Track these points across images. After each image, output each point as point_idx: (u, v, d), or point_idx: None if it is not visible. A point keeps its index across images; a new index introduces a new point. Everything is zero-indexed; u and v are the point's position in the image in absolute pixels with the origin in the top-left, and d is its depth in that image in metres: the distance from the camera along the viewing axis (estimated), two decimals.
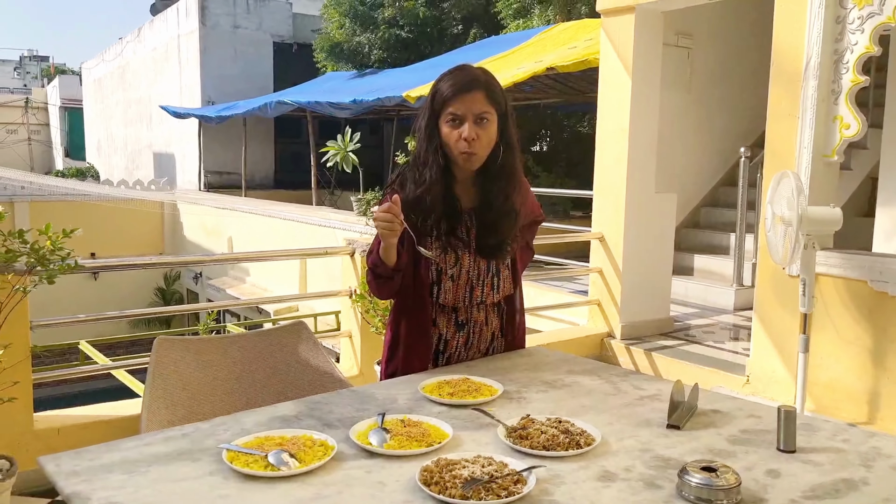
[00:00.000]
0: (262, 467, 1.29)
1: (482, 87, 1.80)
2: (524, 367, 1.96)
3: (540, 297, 5.95)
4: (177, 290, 15.48)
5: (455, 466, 1.28)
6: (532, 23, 11.08)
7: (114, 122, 22.67)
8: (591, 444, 1.42)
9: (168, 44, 17.53)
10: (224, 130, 15.21)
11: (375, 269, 1.86)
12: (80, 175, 21.59)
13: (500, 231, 1.90)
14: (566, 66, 7.17)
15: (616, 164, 4.80)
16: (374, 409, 1.64)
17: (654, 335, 5.00)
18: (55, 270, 2.63)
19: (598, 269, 4.97)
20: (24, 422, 2.98)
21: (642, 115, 4.77)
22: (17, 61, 40.08)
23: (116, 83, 22.08)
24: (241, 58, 16.15)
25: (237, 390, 2.07)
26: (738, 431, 1.53)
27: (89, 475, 1.29)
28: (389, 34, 12.61)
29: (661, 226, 4.99)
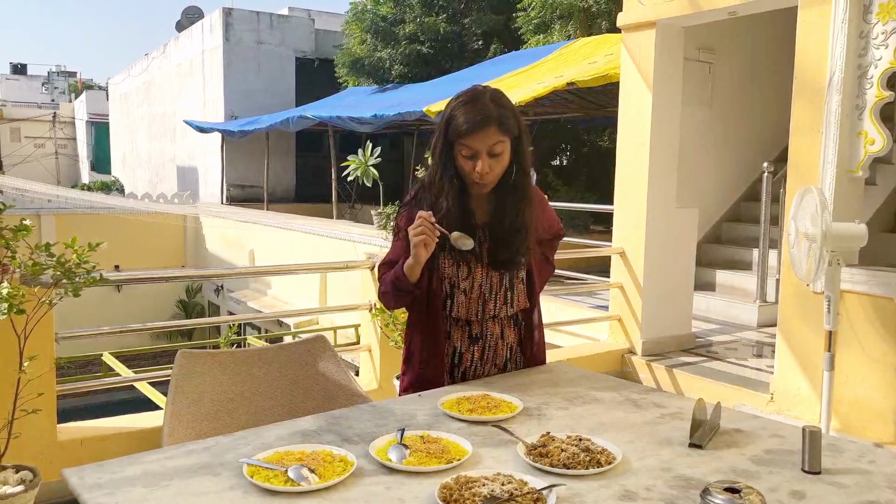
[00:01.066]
0: (282, 482, 1.29)
1: (494, 122, 1.82)
2: (544, 383, 1.95)
3: (560, 311, 5.93)
4: (198, 303, 15.62)
5: (474, 484, 1.27)
6: (552, 38, 11.10)
7: (139, 137, 23.00)
8: (611, 462, 1.41)
9: (192, 59, 17.79)
10: (246, 144, 15.37)
11: (398, 282, 1.88)
12: (106, 188, 21.91)
13: (511, 246, 1.92)
14: (586, 81, 7.17)
15: (637, 178, 4.79)
16: (394, 424, 1.64)
17: (675, 351, 4.95)
18: (80, 284, 2.66)
19: (618, 284, 4.95)
20: (47, 433, 3.02)
21: (663, 129, 4.75)
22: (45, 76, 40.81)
23: (142, 98, 22.42)
24: (264, 73, 16.34)
25: (258, 403, 2.08)
26: (761, 451, 1.51)
27: (112, 488, 1.30)
28: (410, 50, 12.69)
29: (682, 241, 4.96)
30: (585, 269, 6.51)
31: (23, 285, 2.74)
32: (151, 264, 14.66)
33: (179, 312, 15.14)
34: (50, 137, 31.67)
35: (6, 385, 2.69)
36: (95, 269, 2.77)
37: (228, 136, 15.07)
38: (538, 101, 9.56)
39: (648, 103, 4.71)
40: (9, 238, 2.67)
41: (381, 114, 9.55)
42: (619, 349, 4.90)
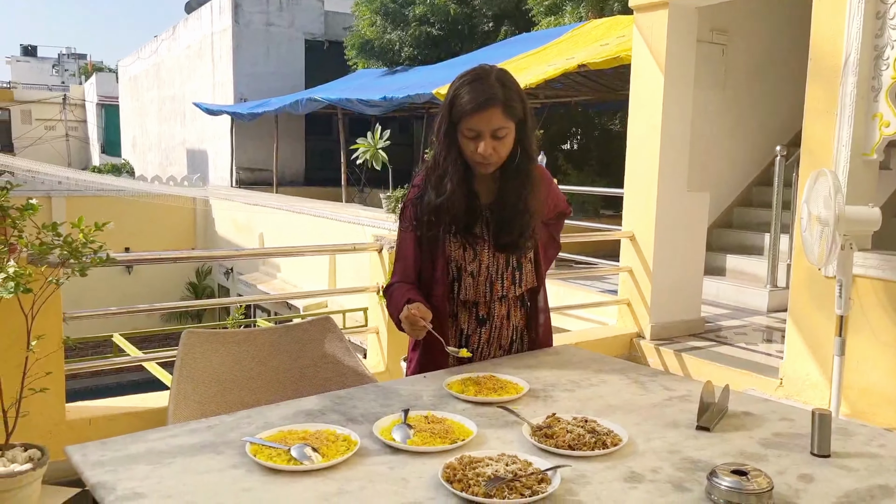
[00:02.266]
0: (285, 461, 1.29)
1: (499, 103, 1.78)
2: (551, 365, 1.94)
3: (569, 296, 5.91)
4: (208, 286, 15.68)
5: (478, 464, 1.26)
6: (564, 20, 11.00)
7: (149, 119, 23.03)
8: (617, 444, 1.39)
9: (202, 41, 17.75)
10: (256, 127, 15.36)
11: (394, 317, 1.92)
12: (116, 171, 21.97)
13: (514, 229, 1.89)
14: (597, 64, 7.10)
15: (647, 162, 4.74)
16: (399, 404, 1.63)
17: (684, 336, 4.92)
18: (87, 263, 2.66)
19: (627, 268, 4.91)
20: (56, 412, 3.03)
21: (675, 112, 4.70)
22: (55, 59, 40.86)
23: (151, 80, 22.42)
24: (274, 55, 16.29)
25: (263, 383, 2.08)
26: (770, 434, 1.49)
27: (114, 465, 1.30)
28: (420, 31, 12.60)
29: (692, 225, 4.91)
30: (594, 253, 6.46)
31: (30, 265, 2.74)
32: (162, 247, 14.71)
33: (189, 295, 15.20)
34: (60, 120, 31.76)
35: (14, 364, 2.69)
36: (102, 250, 2.77)
37: (238, 118, 15.06)
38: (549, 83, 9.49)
39: (660, 85, 4.65)
40: (15, 217, 2.67)
41: (390, 96, 9.51)
42: (628, 333, 4.87)
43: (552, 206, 2.11)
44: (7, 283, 2.41)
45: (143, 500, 1.18)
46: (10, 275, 2.42)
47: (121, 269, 14.39)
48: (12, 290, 2.41)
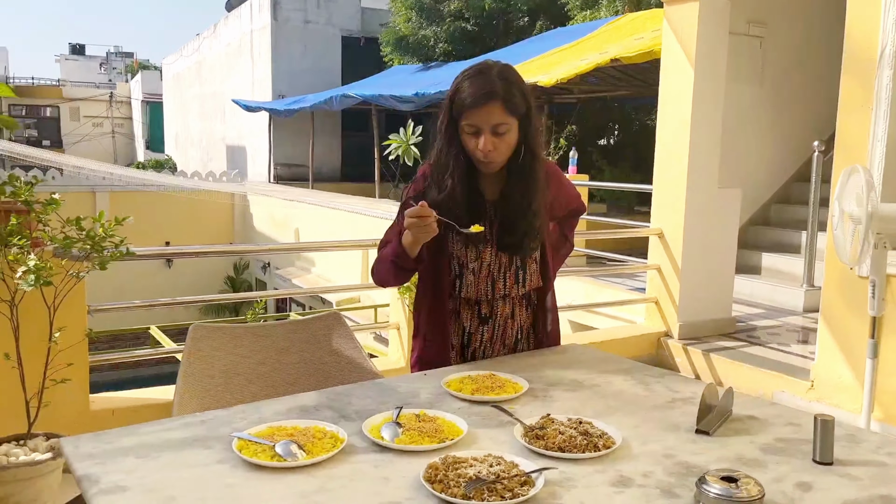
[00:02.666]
0: (269, 457, 1.28)
1: (499, 98, 1.74)
2: (556, 364, 1.91)
3: (598, 293, 5.84)
4: (246, 280, 15.91)
5: (462, 465, 1.24)
6: (599, 14, 10.87)
7: (190, 116, 23.44)
8: (610, 446, 1.36)
9: (241, 39, 17.99)
10: (293, 124, 15.51)
11: (398, 260, 1.82)
12: (159, 167, 22.44)
13: (517, 230, 1.85)
14: (631, 58, 7.00)
15: (676, 157, 4.65)
16: (395, 402, 1.61)
17: (714, 335, 4.82)
18: (106, 258, 2.71)
19: (656, 265, 4.83)
20: (80, 403, 3.10)
21: (705, 107, 4.60)
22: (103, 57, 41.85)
23: (193, 78, 22.81)
24: (311, 52, 16.42)
25: (269, 379, 2.09)
26: (772, 440, 1.44)
27: (104, 458, 1.31)
28: (455, 27, 12.57)
29: (723, 222, 4.81)
30: (628, 250, 6.36)
31: (55, 258, 2.80)
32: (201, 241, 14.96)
33: (227, 288, 15.45)
34: (107, 117, 32.54)
35: (38, 356, 2.75)
36: (123, 244, 2.81)
37: (275, 115, 15.24)
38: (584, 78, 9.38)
39: (690, 80, 4.56)
40: (39, 212, 2.73)
41: (422, 92, 9.50)
42: (656, 332, 4.79)
43: (563, 203, 2.07)
44: (28, 276, 2.46)
45: (126, 493, 1.18)
46: (31, 268, 2.47)
47: (162, 263, 14.70)
48: (32, 283, 2.47)
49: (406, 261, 1.80)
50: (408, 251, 1.78)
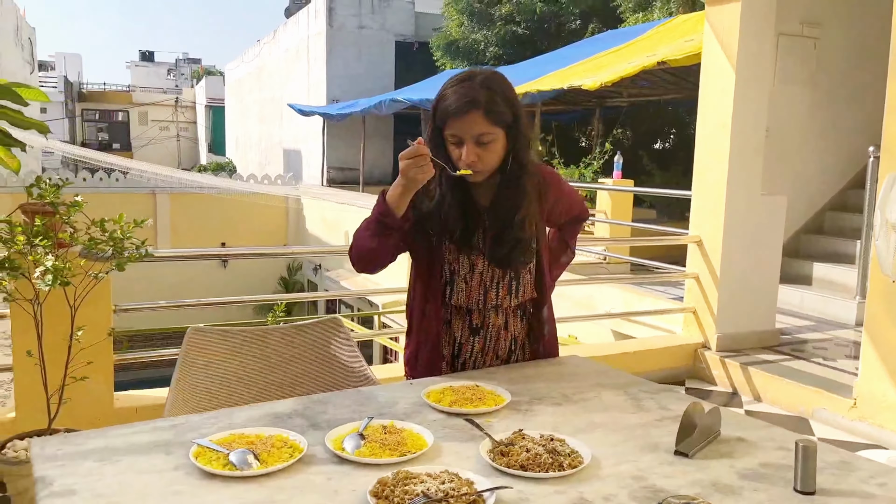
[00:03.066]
0: (222, 466, 1.27)
1: (481, 107, 1.68)
2: (549, 377, 1.85)
3: (638, 301, 5.70)
4: (298, 280, 16.17)
5: (412, 480, 1.20)
6: (653, 15, 10.65)
7: (250, 120, 23.99)
8: (576, 466, 1.30)
9: (299, 45, 18.32)
10: (346, 128, 15.70)
11: (383, 218, 1.70)
12: (220, 170, 23.03)
13: (505, 243, 1.78)
14: (678, 60, 6.82)
15: (716, 163, 4.49)
16: (372, 411, 1.58)
17: (755, 348, 4.64)
18: (124, 259, 2.76)
19: (694, 274, 4.68)
20: (104, 400, 3.17)
21: (747, 110, 4.43)
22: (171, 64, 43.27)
23: (253, 83, 23.34)
24: (365, 57, 16.59)
25: (265, 383, 2.09)
26: (757, 464, 1.35)
27: (65, 460, 1.32)
28: (505, 31, 12.51)
29: (766, 230, 4.62)
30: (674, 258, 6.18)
31: (82, 259, 2.87)
32: (255, 242, 15.30)
33: (280, 289, 15.74)
34: (172, 121, 33.61)
35: (61, 353, 2.83)
36: (143, 246, 2.87)
37: (329, 119, 15.44)
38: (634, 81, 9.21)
39: (731, 82, 4.40)
40: (63, 214, 2.80)
41: None
42: (693, 343, 4.64)
43: (564, 210, 2.01)
44: (46, 276, 2.53)
45: (74, 497, 1.19)
46: (49, 268, 2.54)
47: (217, 264, 15.07)
48: (50, 283, 2.53)
49: (391, 217, 1.69)
50: (393, 208, 1.69)
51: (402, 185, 1.67)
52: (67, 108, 32.17)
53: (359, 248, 1.79)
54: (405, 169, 1.63)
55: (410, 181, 1.65)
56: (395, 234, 1.74)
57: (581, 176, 8.90)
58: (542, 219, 1.88)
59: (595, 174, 8.91)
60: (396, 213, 1.70)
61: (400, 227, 1.73)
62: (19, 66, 18.60)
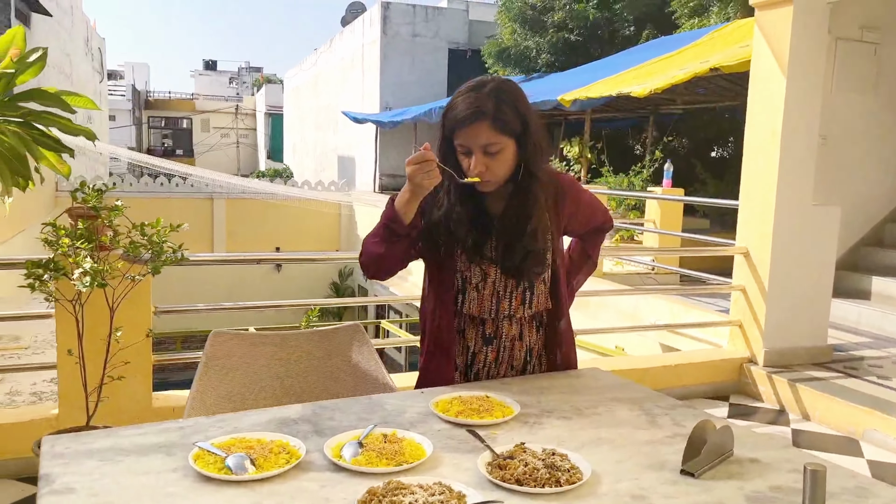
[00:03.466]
0: (217, 469, 1.28)
1: (487, 117, 1.65)
2: (563, 389, 1.81)
3: (685, 313, 5.56)
4: (350, 286, 16.37)
5: (402, 491, 1.19)
6: (709, 21, 10.42)
7: (307, 127, 24.44)
8: (574, 482, 1.27)
9: (354, 53, 18.58)
10: (398, 135, 15.84)
11: (391, 224, 1.70)
12: (277, 176, 23.52)
13: (516, 252, 1.75)
14: (731, 66, 6.65)
15: (764, 172, 4.36)
16: (378, 419, 1.58)
17: (804, 364, 4.47)
18: (159, 263, 2.83)
19: (740, 286, 4.54)
20: (143, 399, 3.26)
21: (798, 118, 4.28)
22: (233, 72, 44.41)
23: (310, 91, 23.78)
24: (418, 65, 16.72)
25: (283, 388, 2.11)
26: (766, 488, 1.29)
27: (70, 459, 1.35)
28: (558, 38, 12.42)
29: (818, 242, 4.45)
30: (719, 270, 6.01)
31: (124, 261, 2.96)
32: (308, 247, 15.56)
33: (332, 293, 15.96)
34: (233, 128, 34.48)
35: (100, 353, 2.92)
36: (179, 250, 2.93)
37: (381, 126, 15.60)
38: (689, 88, 9.03)
39: (781, 89, 4.26)
40: (105, 218, 2.89)
41: None
42: (739, 358, 4.50)
43: (584, 219, 1.97)
44: (84, 277, 2.62)
45: (72, 495, 1.21)
46: (87, 270, 2.62)
47: (272, 268, 15.40)
48: (87, 284, 2.61)
49: (399, 224, 1.69)
50: (401, 214, 1.69)
51: (410, 191, 1.66)
52: (134, 115, 33.36)
53: (367, 253, 1.79)
54: (411, 175, 1.63)
55: (417, 187, 1.64)
56: (403, 240, 1.73)
57: (630, 184, 8.75)
58: (557, 228, 1.85)
59: (644, 182, 8.75)
60: (404, 220, 1.69)
61: (407, 233, 1.72)
62: (89, 76, 19.36)
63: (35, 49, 2.62)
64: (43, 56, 2.62)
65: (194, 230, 3.42)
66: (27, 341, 5.69)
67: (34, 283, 2.76)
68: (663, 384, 4.17)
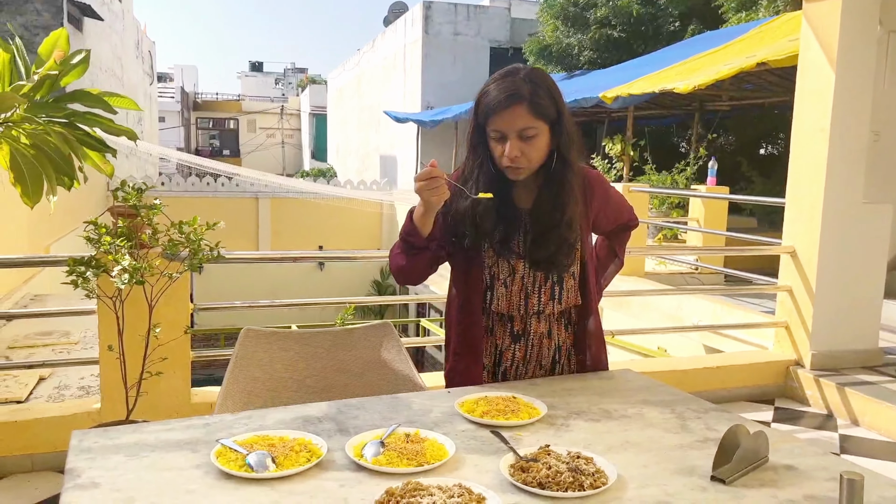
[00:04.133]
0: (238, 467, 1.28)
1: (525, 100, 1.64)
2: (593, 390, 1.77)
3: (728, 314, 5.43)
4: (391, 284, 16.44)
5: (420, 493, 1.17)
6: (758, 14, 10.16)
7: (350, 127, 24.63)
8: (599, 486, 1.23)
9: (396, 53, 18.66)
10: (439, 134, 15.84)
11: (409, 238, 1.72)
12: (321, 175, 23.79)
13: (548, 245, 1.73)
14: (779, 61, 6.47)
15: (812, 169, 4.22)
16: (403, 418, 1.57)
17: (854, 368, 4.32)
18: (197, 260, 2.87)
19: (787, 287, 4.41)
20: (182, 395, 3.31)
21: (848, 113, 4.14)
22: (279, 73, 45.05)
23: (353, 91, 23.96)
24: (460, 63, 16.70)
25: (313, 385, 2.11)
26: (801, 496, 1.24)
27: (97, 454, 1.37)
28: (600, 34, 12.27)
29: (869, 241, 4.30)
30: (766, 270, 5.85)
31: (163, 259, 3.01)
32: (350, 246, 15.71)
33: (373, 291, 16.06)
34: (278, 129, 34.97)
35: (140, 349, 2.97)
36: (216, 248, 2.97)
37: (422, 125, 15.63)
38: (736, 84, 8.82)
39: (831, 83, 4.12)
40: (144, 216, 2.94)
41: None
42: (785, 360, 4.37)
43: (612, 216, 1.93)
44: (122, 274, 2.67)
45: (95, 490, 1.23)
46: (125, 267, 2.67)
47: (314, 267, 15.57)
48: (126, 282, 2.66)
49: (416, 237, 1.70)
50: (419, 227, 1.70)
51: (422, 206, 1.67)
52: (183, 116, 34.08)
53: (392, 264, 1.83)
54: (419, 191, 1.62)
55: (426, 203, 1.64)
56: (423, 252, 1.75)
57: (673, 182, 8.59)
58: (586, 222, 1.82)
59: (688, 181, 8.58)
60: (422, 233, 1.70)
61: (426, 245, 1.73)
62: (140, 78, 19.85)
63: (79, 51, 2.68)
64: (86, 58, 2.68)
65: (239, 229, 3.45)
66: (77, 337, 5.85)
67: (77, 280, 2.82)
68: (705, 387, 4.07)
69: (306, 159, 33.16)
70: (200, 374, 3.95)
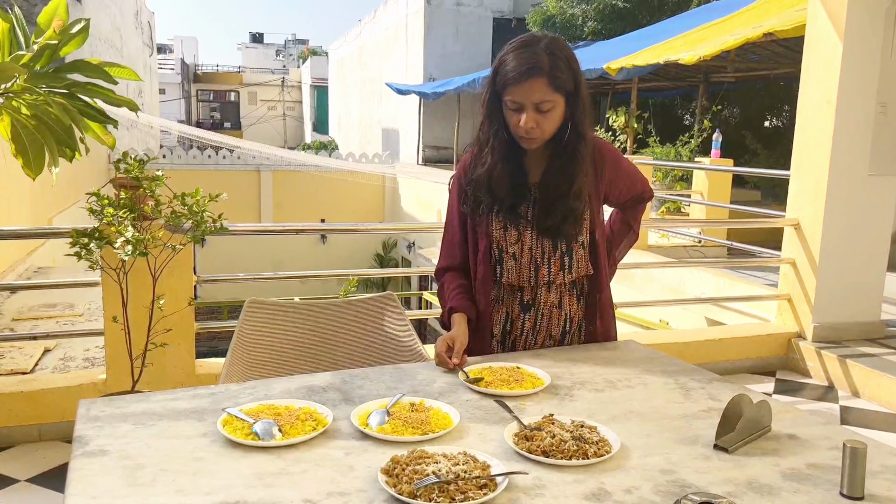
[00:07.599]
0: (244, 435, 1.29)
1: (544, 73, 1.63)
2: (597, 361, 1.78)
3: (731, 287, 5.44)
4: (393, 258, 16.47)
5: (426, 460, 1.18)
6: None
7: (351, 100, 24.47)
8: (602, 455, 1.24)
9: (398, 23, 18.46)
10: (442, 106, 15.74)
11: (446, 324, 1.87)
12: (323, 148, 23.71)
13: (556, 213, 1.74)
14: (786, 31, 6.39)
15: (818, 141, 4.19)
16: (407, 388, 1.58)
17: (856, 340, 4.33)
18: (200, 232, 2.87)
19: (790, 259, 4.40)
20: (186, 366, 3.33)
21: (855, 84, 4.10)
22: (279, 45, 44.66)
23: (355, 63, 23.76)
24: (463, 35, 16.53)
25: (317, 356, 2.12)
26: (804, 465, 1.25)
27: (105, 422, 1.38)
28: (605, 4, 12.12)
29: (873, 214, 4.28)
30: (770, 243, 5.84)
31: (166, 231, 3.01)
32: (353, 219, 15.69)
33: (375, 264, 16.10)
34: (279, 101, 34.75)
35: (145, 320, 2.98)
36: (220, 220, 2.97)
37: (424, 98, 15.51)
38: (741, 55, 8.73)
39: (838, 55, 4.08)
40: (147, 188, 2.94)
41: None
42: (787, 333, 4.38)
43: (624, 188, 1.92)
44: (126, 246, 2.67)
45: (104, 457, 1.24)
46: (128, 238, 2.67)
47: (317, 240, 15.55)
48: (129, 253, 2.67)
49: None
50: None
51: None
52: (184, 88, 33.88)
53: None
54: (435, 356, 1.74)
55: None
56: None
57: (677, 155, 8.54)
58: (597, 194, 1.82)
59: (692, 153, 8.53)
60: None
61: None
62: (139, 50, 19.67)
63: (78, 20, 2.64)
64: (86, 27, 2.65)
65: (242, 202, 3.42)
66: (81, 309, 5.87)
67: (80, 252, 2.83)
68: (706, 359, 4.09)
69: (308, 132, 33.01)
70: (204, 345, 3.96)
